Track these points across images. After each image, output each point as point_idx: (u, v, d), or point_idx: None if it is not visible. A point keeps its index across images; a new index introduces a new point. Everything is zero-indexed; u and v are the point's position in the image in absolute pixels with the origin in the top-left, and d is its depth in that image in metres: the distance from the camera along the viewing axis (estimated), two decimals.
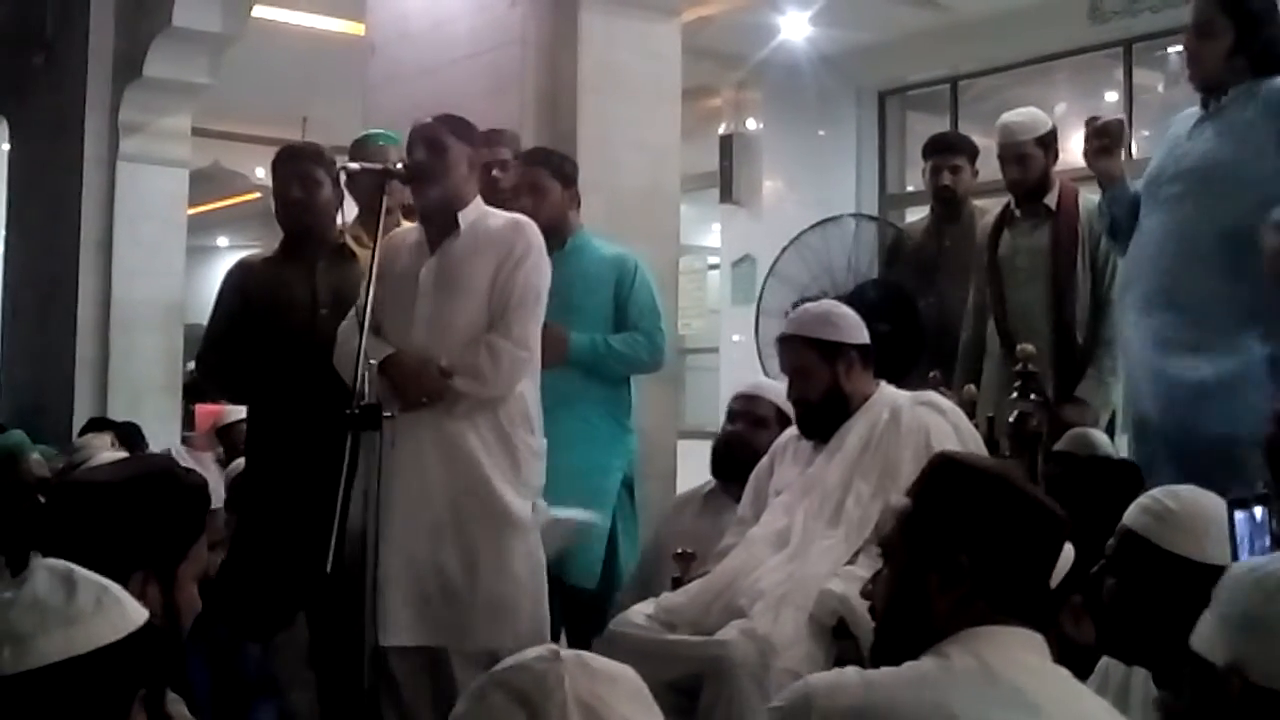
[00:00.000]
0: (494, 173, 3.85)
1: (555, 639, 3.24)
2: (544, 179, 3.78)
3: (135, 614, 1.52)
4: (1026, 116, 4.02)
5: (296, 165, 3.42)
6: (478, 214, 3.21)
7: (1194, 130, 3.20)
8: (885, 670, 1.55)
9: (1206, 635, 1.28)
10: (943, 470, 1.69)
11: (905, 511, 1.67)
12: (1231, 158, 3.08)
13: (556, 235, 3.78)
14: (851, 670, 1.58)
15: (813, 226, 4.62)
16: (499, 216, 3.25)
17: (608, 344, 3.73)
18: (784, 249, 4.61)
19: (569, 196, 3.83)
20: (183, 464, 2.48)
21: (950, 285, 4.26)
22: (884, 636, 1.66)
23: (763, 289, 4.64)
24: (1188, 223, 3.12)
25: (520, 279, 3.13)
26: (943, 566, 1.59)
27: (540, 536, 3.17)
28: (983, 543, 1.59)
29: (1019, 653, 1.53)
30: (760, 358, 4.49)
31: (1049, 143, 3.94)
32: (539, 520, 3.17)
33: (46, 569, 1.51)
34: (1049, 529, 1.63)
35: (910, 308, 4.04)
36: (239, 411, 5.33)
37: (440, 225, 3.19)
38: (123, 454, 4.50)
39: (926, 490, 1.67)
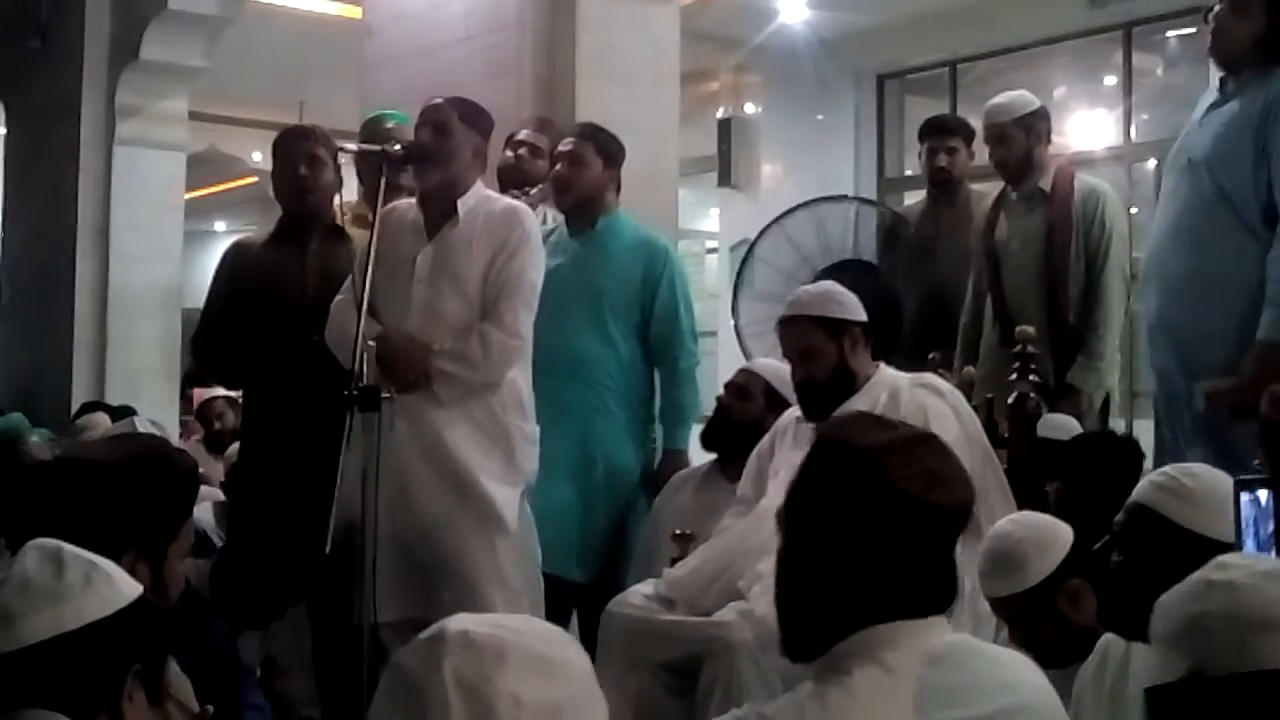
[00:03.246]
0: (520, 152, 3.82)
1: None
2: (588, 153, 3.73)
3: (127, 589, 1.52)
4: (1007, 98, 4.03)
5: (303, 145, 3.41)
6: (477, 200, 3.18)
7: (1205, 116, 3.22)
8: (783, 704, 1.45)
9: (1156, 666, 1.33)
10: (818, 451, 1.54)
11: (790, 489, 1.54)
12: (1226, 148, 3.10)
13: (588, 214, 3.74)
14: (749, 712, 1.47)
15: (791, 210, 4.66)
16: (498, 203, 3.22)
17: (683, 408, 3.74)
18: (762, 231, 4.64)
19: (609, 176, 3.77)
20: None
21: (946, 268, 4.27)
22: (781, 624, 1.54)
23: (740, 271, 4.67)
24: (1185, 211, 3.16)
25: (514, 269, 3.11)
26: (808, 570, 1.48)
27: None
28: (845, 550, 1.46)
29: (918, 644, 1.45)
30: (740, 339, 4.51)
31: (1030, 125, 3.92)
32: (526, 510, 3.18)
33: (36, 548, 1.51)
34: (927, 522, 1.47)
35: (886, 289, 4.03)
36: (215, 389, 5.34)
37: (439, 210, 3.17)
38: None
39: (804, 470, 1.54)
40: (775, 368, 3.49)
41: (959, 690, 1.43)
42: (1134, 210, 6.26)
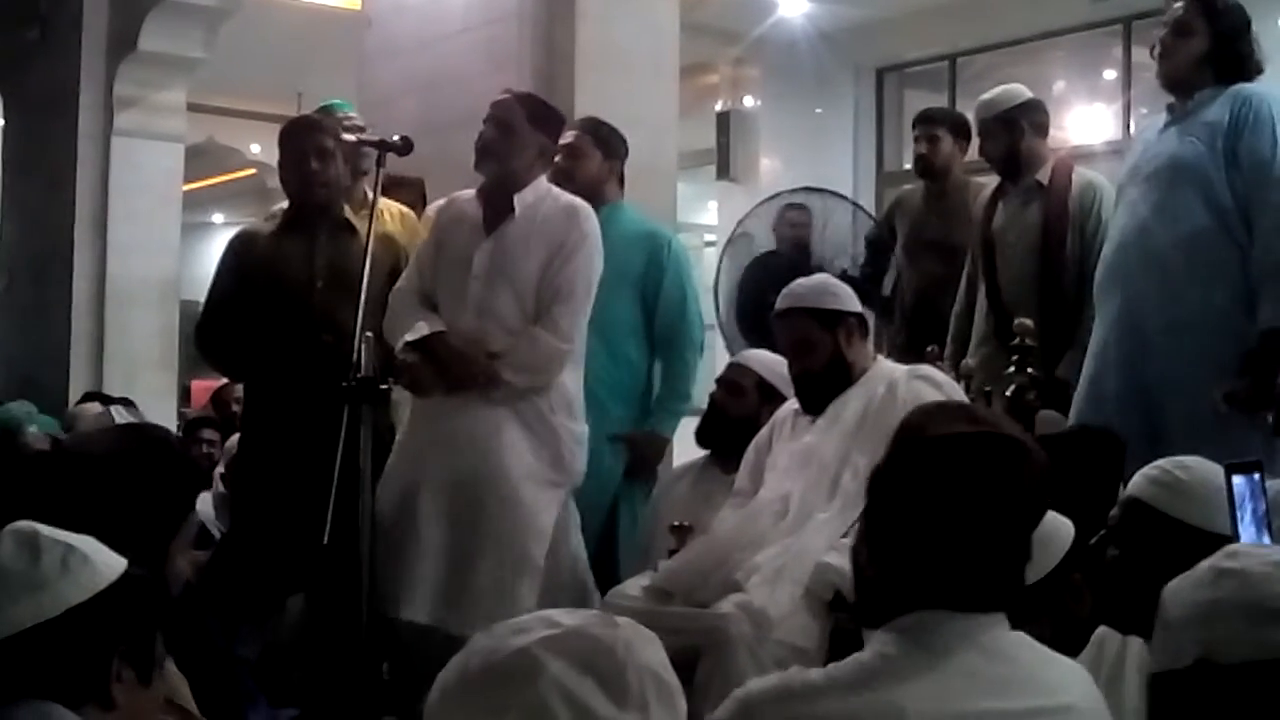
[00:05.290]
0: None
1: None
2: (586, 145, 3.75)
3: (107, 570, 1.50)
4: (994, 93, 4.07)
5: (312, 137, 3.40)
6: (537, 196, 3.18)
7: (1162, 133, 3.30)
8: (829, 671, 1.47)
9: (1163, 652, 1.31)
10: (899, 440, 1.56)
11: (871, 472, 1.58)
12: (1193, 159, 3.17)
13: (590, 205, 3.75)
14: (794, 674, 1.50)
15: (769, 198, 4.73)
16: (557, 200, 3.20)
17: (682, 398, 3.75)
18: (741, 221, 4.70)
19: (608, 168, 3.80)
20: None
21: (932, 259, 4.30)
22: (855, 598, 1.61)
23: (720, 267, 4.75)
24: (1148, 223, 3.23)
25: (569, 272, 3.11)
26: (864, 536, 1.54)
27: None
28: (901, 520, 1.48)
29: (972, 635, 1.45)
30: (722, 329, 4.57)
31: (1013, 119, 3.93)
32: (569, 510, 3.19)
33: (11, 535, 1.50)
34: (994, 515, 1.46)
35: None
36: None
37: (496, 205, 3.17)
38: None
39: (886, 454, 1.57)
40: (765, 359, 3.49)
41: (1011, 682, 1.43)
42: None
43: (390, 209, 3.81)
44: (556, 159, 3.73)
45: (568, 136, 3.78)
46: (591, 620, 1.08)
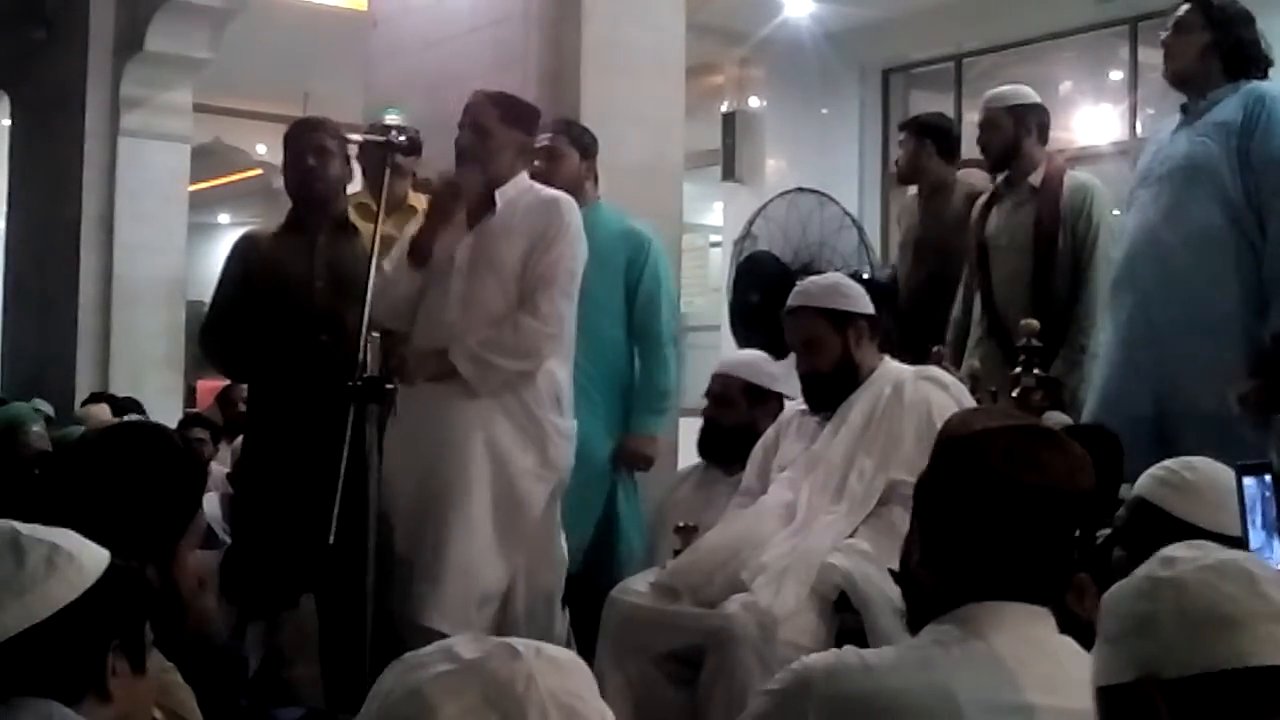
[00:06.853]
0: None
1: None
2: (562, 146, 3.76)
3: (92, 565, 1.47)
4: (1005, 88, 4.12)
5: (311, 135, 3.43)
6: (518, 190, 3.19)
7: (1175, 134, 3.32)
8: (885, 652, 1.52)
9: (1104, 665, 1.25)
10: (941, 441, 1.64)
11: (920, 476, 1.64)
12: (1205, 159, 3.19)
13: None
14: (849, 651, 1.54)
15: (772, 199, 4.75)
16: (539, 194, 3.22)
17: (661, 395, 3.76)
18: (750, 222, 4.71)
19: (586, 168, 3.81)
20: None
21: (922, 259, 4.30)
22: (905, 603, 1.65)
23: (738, 266, 4.75)
24: (1157, 224, 3.25)
25: (551, 259, 3.12)
26: (916, 538, 1.58)
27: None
28: (949, 519, 1.54)
29: (1022, 628, 1.49)
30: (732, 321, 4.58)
31: (1021, 115, 3.95)
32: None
33: None
34: (1035, 507, 1.52)
35: (788, 281, 4.06)
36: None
37: (478, 203, 3.19)
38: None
39: (931, 459, 1.63)
40: (746, 361, 3.50)
41: (1059, 682, 1.44)
42: None
43: None
44: (535, 162, 3.75)
45: (543, 139, 3.78)
46: (492, 652, 1.01)
